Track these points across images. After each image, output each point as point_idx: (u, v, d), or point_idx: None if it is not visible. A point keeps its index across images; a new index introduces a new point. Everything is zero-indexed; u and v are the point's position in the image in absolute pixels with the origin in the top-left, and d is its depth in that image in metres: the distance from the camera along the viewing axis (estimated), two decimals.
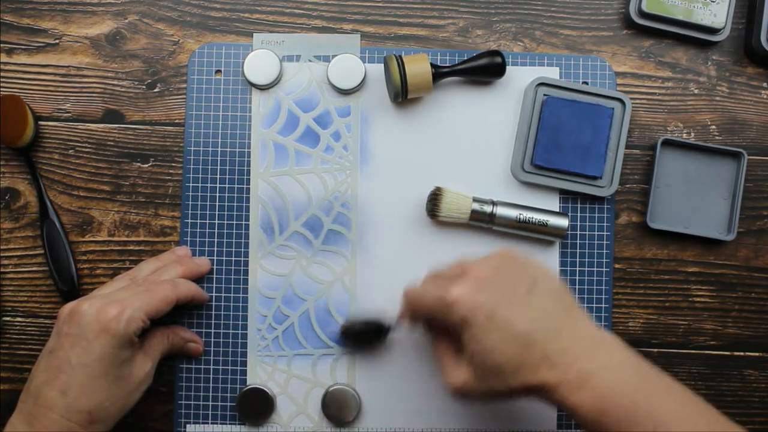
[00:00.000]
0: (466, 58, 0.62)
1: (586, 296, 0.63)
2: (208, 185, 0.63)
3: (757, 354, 0.64)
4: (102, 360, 0.51)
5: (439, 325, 0.54)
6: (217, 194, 0.63)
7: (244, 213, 0.63)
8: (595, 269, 0.63)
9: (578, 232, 0.63)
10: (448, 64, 0.62)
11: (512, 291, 0.49)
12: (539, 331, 0.48)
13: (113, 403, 0.52)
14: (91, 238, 0.63)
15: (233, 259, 0.63)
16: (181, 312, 0.62)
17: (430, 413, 0.62)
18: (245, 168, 0.63)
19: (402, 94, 0.60)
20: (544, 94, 0.62)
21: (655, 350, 0.64)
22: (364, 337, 0.61)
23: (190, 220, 0.63)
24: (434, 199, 0.61)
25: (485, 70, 0.61)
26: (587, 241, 0.63)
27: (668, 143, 0.63)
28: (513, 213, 0.61)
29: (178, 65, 0.64)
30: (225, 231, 0.63)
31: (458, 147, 0.63)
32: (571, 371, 0.47)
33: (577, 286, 0.63)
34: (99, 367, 0.51)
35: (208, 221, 0.63)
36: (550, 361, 0.47)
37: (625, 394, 0.46)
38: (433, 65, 0.60)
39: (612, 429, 0.46)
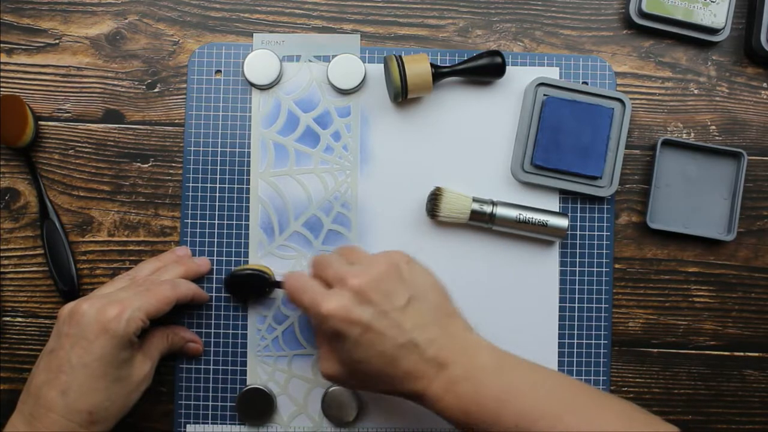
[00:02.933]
0: (466, 58, 0.62)
1: (586, 296, 0.63)
2: (208, 185, 0.63)
3: (757, 354, 0.64)
4: (102, 360, 0.51)
5: None
6: (217, 194, 0.63)
7: (244, 213, 0.63)
8: (595, 269, 0.63)
9: (578, 232, 0.63)
10: (448, 64, 0.62)
11: (388, 305, 0.50)
12: (407, 347, 0.50)
13: (113, 403, 0.52)
14: (91, 238, 0.63)
15: (233, 259, 0.63)
16: (181, 312, 0.62)
17: (431, 413, 0.62)
18: (245, 168, 0.63)
19: (402, 94, 0.60)
20: (544, 94, 0.62)
21: (655, 350, 0.64)
22: (248, 285, 0.61)
23: (190, 220, 0.63)
24: (434, 199, 0.61)
25: (485, 70, 0.61)
26: (587, 241, 0.63)
27: (668, 143, 0.63)
28: (513, 213, 0.61)
29: (178, 65, 0.64)
30: (225, 231, 0.63)
31: (458, 147, 0.63)
32: (437, 381, 0.50)
33: (577, 286, 0.63)
34: (99, 368, 0.51)
35: (208, 221, 0.63)
36: (415, 375, 0.50)
37: (490, 396, 0.48)
38: (433, 65, 0.60)
39: (480, 429, 0.48)
